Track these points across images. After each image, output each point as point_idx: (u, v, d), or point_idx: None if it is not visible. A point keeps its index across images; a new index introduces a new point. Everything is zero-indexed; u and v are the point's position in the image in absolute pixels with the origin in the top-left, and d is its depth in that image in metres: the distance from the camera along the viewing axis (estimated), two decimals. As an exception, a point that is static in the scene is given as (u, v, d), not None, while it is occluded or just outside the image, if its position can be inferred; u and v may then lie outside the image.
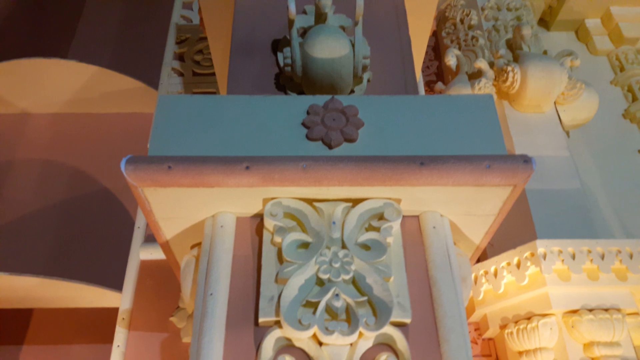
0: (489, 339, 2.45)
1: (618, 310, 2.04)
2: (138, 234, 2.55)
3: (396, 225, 1.11)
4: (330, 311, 1.02)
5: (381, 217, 1.11)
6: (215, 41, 2.00)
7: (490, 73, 2.80)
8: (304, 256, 1.06)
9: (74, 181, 3.15)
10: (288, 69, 1.36)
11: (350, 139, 1.13)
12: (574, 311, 2.05)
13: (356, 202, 1.12)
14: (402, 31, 1.56)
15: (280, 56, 1.40)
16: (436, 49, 3.62)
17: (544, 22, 3.85)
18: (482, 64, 2.80)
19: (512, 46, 2.93)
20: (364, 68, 1.35)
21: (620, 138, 3.27)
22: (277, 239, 1.09)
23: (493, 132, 1.15)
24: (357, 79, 1.38)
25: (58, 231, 2.97)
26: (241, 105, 1.18)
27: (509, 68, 2.69)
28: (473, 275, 2.30)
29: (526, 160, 1.05)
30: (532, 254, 2.09)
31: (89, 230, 2.96)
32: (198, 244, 1.28)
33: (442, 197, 1.11)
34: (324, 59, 1.30)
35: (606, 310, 2.04)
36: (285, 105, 1.18)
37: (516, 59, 2.77)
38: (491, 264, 2.24)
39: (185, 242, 1.27)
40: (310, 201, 1.12)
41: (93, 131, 3.35)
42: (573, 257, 2.06)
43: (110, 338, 2.30)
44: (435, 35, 3.66)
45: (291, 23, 1.29)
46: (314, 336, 1.00)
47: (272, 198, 1.11)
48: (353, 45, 1.31)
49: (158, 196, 1.09)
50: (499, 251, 2.25)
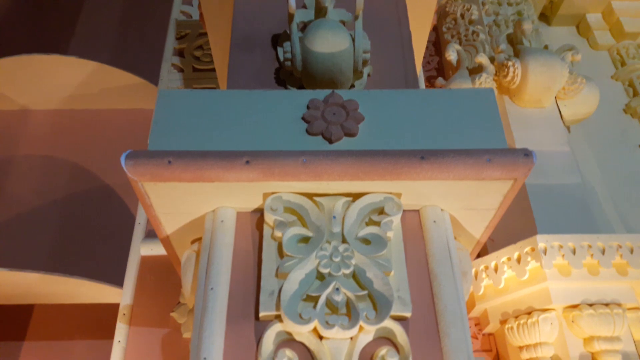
0: (490, 334, 2.45)
1: (618, 305, 2.05)
2: (139, 230, 2.56)
3: (396, 219, 1.11)
4: (330, 305, 1.02)
5: (381, 212, 1.11)
6: (215, 36, 2.00)
7: (491, 68, 2.80)
8: (305, 250, 1.06)
9: (75, 177, 3.15)
10: (288, 64, 1.35)
11: (350, 134, 1.12)
12: (575, 306, 2.05)
13: (356, 197, 1.12)
14: (403, 25, 1.56)
15: (280, 51, 1.40)
16: (437, 44, 3.61)
17: (545, 17, 3.84)
18: (483, 59, 2.80)
19: (513, 41, 2.93)
20: (364, 62, 1.35)
21: (621, 133, 3.27)
22: (278, 234, 1.09)
23: (494, 126, 1.15)
24: (358, 74, 1.37)
25: (59, 227, 2.97)
26: (241, 99, 1.18)
27: (510, 63, 2.68)
28: (473, 270, 2.30)
29: (527, 153, 1.05)
30: (533, 249, 2.09)
31: (90, 226, 2.96)
32: (198, 239, 1.28)
33: (443, 191, 1.11)
34: (324, 54, 1.29)
35: (606, 305, 2.04)
36: (285, 99, 1.18)
37: (517, 54, 2.77)
38: (491, 259, 2.24)
39: (185, 237, 1.27)
40: (310, 196, 1.12)
41: (93, 127, 3.35)
42: (573, 252, 2.06)
43: (111, 334, 2.31)
44: (435, 30, 3.65)
45: (291, 17, 1.29)
46: (315, 330, 1.00)
47: (273, 193, 1.11)
48: (353, 39, 1.31)
49: (158, 191, 1.09)
50: (500, 246, 2.25)
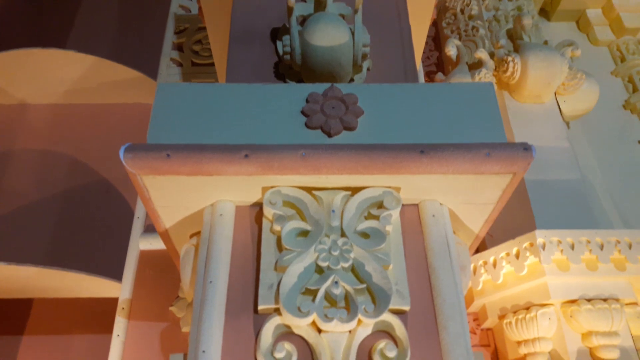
0: (488, 329, 2.46)
1: (616, 300, 2.05)
2: (137, 224, 2.56)
3: (395, 213, 1.11)
4: (329, 298, 1.02)
5: (380, 206, 1.11)
6: (214, 30, 1.99)
7: (490, 63, 2.79)
8: (303, 244, 1.06)
9: (73, 171, 3.15)
10: (287, 57, 1.35)
11: (349, 127, 1.12)
12: (573, 301, 2.05)
13: (355, 191, 1.12)
14: (402, 19, 1.55)
15: (279, 44, 1.39)
16: (436, 40, 3.60)
17: (545, 12, 3.83)
18: (483, 54, 2.79)
19: (513, 36, 2.92)
20: (364, 56, 1.34)
21: (620, 129, 3.27)
22: (277, 227, 1.09)
23: (493, 120, 1.15)
24: (357, 67, 1.37)
25: (57, 221, 2.97)
26: (240, 93, 1.17)
27: (510, 58, 2.68)
28: (472, 265, 2.30)
29: (526, 148, 1.05)
30: (531, 244, 2.09)
31: (89, 220, 2.96)
32: (197, 233, 1.28)
33: (442, 186, 1.11)
34: (324, 47, 1.29)
35: (605, 300, 2.04)
36: (284, 93, 1.18)
37: (517, 49, 2.76)
38: (490, 255, 2.25)
39: (184, 231, 1.27)
40: (309, 189, 1.12)
41: (92, 121, 3.34)
42: (572, 248, 2.07)
43: (110, 328, 2.31)
44: (435, 25, 3.64)
45: (290, 11, 1.28)
46: (313, 323, 1.00)
47: (272, 186, 1.11)
48: (353, 33, 1.31)
49: (157, 184, 1.09)
50: (498, 241, 2.25)
